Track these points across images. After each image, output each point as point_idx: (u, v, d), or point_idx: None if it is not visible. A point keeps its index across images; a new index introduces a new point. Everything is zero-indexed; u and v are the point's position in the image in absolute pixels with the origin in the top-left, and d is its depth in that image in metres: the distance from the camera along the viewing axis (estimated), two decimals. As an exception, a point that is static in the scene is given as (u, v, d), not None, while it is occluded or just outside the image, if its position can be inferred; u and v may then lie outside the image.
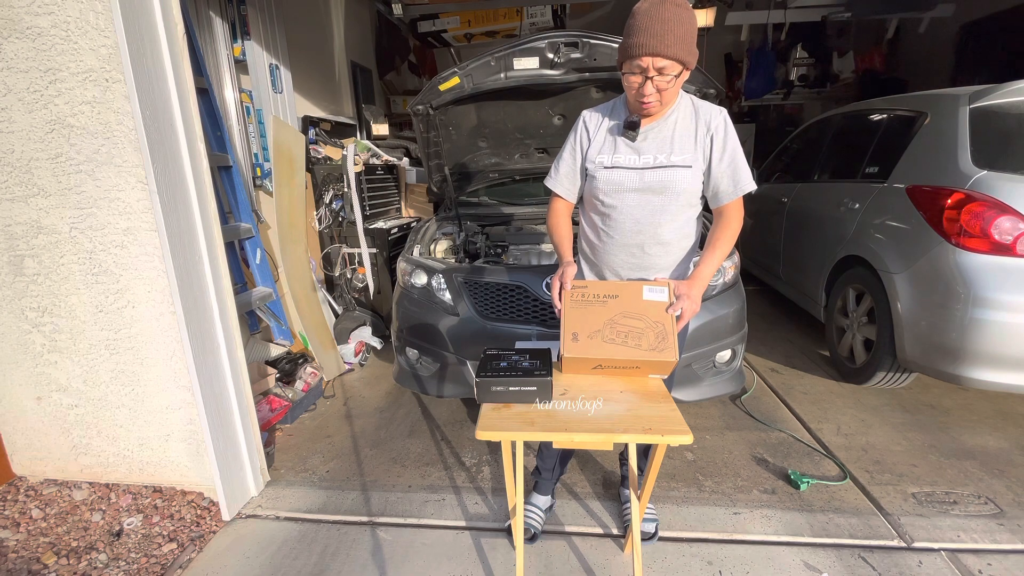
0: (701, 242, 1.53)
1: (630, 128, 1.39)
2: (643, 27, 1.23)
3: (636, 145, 1.41)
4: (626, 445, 1.79)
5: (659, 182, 1.39)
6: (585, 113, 1.51)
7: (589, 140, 1.48)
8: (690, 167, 1.38)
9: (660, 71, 1.25)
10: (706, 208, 1.53)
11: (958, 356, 2.16)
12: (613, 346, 1.31)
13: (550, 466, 1.78)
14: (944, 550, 1.66)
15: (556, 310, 1.40)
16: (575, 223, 1.62)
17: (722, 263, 1.45)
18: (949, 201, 2.20)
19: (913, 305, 2.33)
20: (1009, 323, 2.04)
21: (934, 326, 2.23)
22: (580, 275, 1.62)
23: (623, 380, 1.40)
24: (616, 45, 2.25)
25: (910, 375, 2.59)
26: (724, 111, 1.42)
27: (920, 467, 2.09)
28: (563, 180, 1.54)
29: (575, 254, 1.67)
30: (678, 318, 1.34)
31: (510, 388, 1.29)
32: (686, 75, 1.31)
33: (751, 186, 1.41)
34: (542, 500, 1.82)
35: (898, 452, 2.20)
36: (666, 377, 1.41)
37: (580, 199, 1.59)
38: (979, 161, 2.22)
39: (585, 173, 1.49)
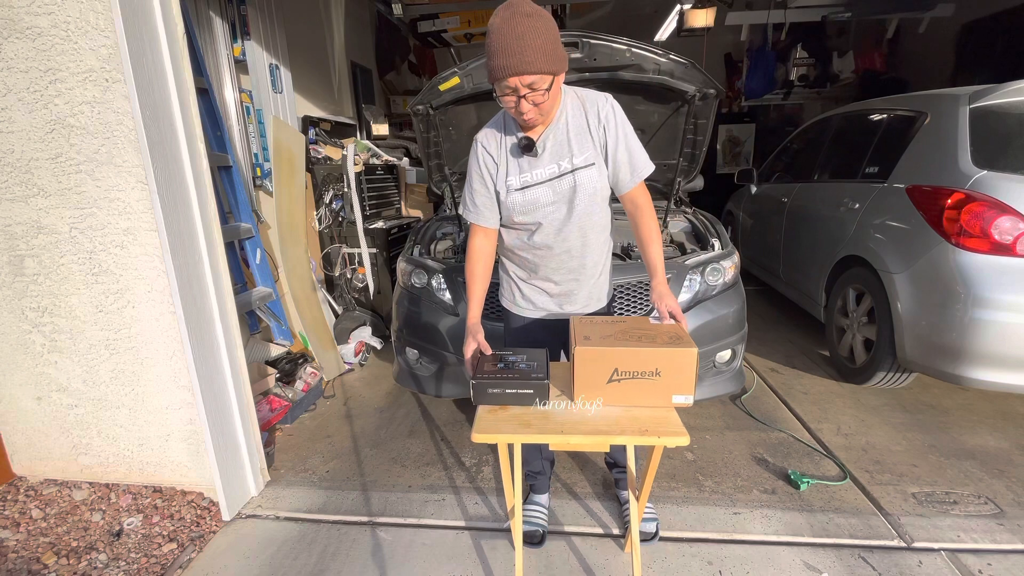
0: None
1: (527, 149, 1.37)
2: (501, 48, 1.17)
3: (538, 159, 1.39)
4: (609, 452, 1.80)
5: (569, 188, 1.38)
6: (480, 137, 1.46)
7: (495, 164, 1.44)
8: (593, 164, 1.38)
9: (530, 87, 1.21)
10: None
11: (958, 356, 2.15)
12: (629, 342, 1.24)
13: (538, 468, 1.79)
14: (944, 550, 1.66)
15: (468, 376, 1.34)
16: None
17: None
18: (949, 201, 2.20)
19: (913, 305, 2.33)
20: (1009, 323, 2.03)
21: (934, 326, 2.23)
22: (518, 293, 1.58)
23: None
24: (616, 45, 2.26)
25: (910, 375, 2.59)
26: (610, 97, 1.40)
27: (920, 467, 2.09)
28: (483, 211, 1.47)
29: (497, 275, 1.62)
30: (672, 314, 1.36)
31: (507, 391, 1.26)
32: (561, 79, 1.29)
33: (648, 168, 1.40)
34: (543, 498, 1.83)
35: (898, 452, 2.20)
36: (690, 403, 1.27)
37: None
38: (979, 161, 2.22)
39: (498, 197, 1.46)
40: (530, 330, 1.59)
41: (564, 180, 1.38)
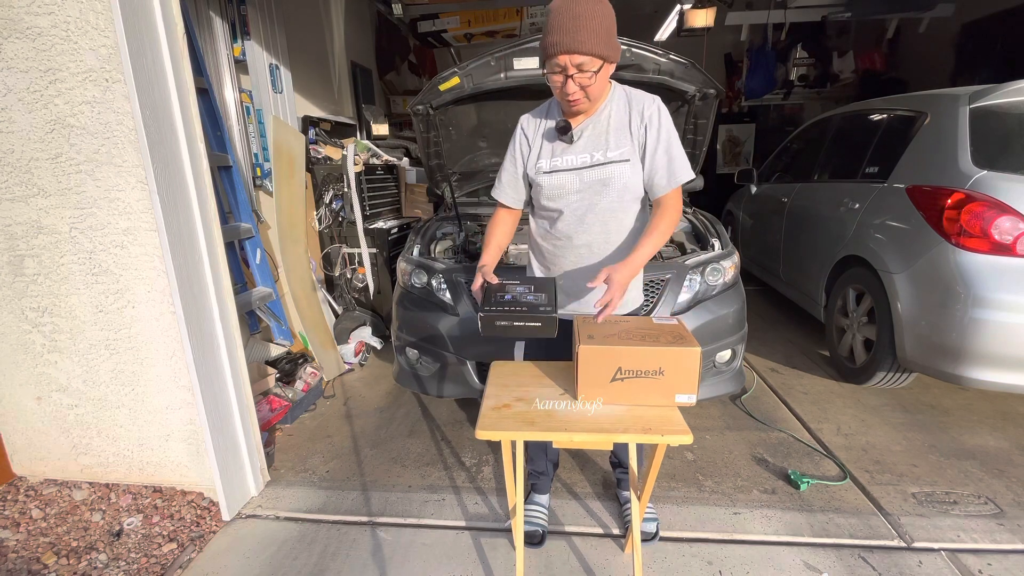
0: None
1: (562, 132, 1.38)
2: (556, 26, 1.22)
3: (573, 146, 1.40)
4: (613, 449, 1.80)
5: (598, 180, 1.37)
6: (522, 119, 1.50)
7: (529, 146, 1.46)
8: (628, 160, 1.36)
9: (579, 67, 1.24)
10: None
11: (958, 356, 2.15)
12: (632, 341, 1.24)
13: (542, 468, 1.79)
14: (944, 550, 1.66)
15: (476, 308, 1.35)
16: (520, 230, 1.59)
17: (656, 249, 1.35)
18: (949, 201, 2.20)
19: (913, 305, 2.33)
20: (1009, 323, 2.04)
21: (934, 326, 2.23)
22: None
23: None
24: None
25: (910, 375, 2.59)
26: (658, 99, 1.39)
27: (920, 467, 2.09)
28: (506, 189, 1.52)
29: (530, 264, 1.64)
30: (606, 307, 1.26)
31: (515, 323, 1.23)
32: (609, 68, 1.30)
33: (687, 176, 1.37)
34: (544, 499, 1.83)
35: (898, 452, 2.20)
36: (693, 403, 1.27)
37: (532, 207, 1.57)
38: (979, 161, 2.22)
39: (528, 181, 1.48)
40: None
41: (594, 171, 1.37)
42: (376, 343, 3.42)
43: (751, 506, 1.88)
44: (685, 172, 1.37)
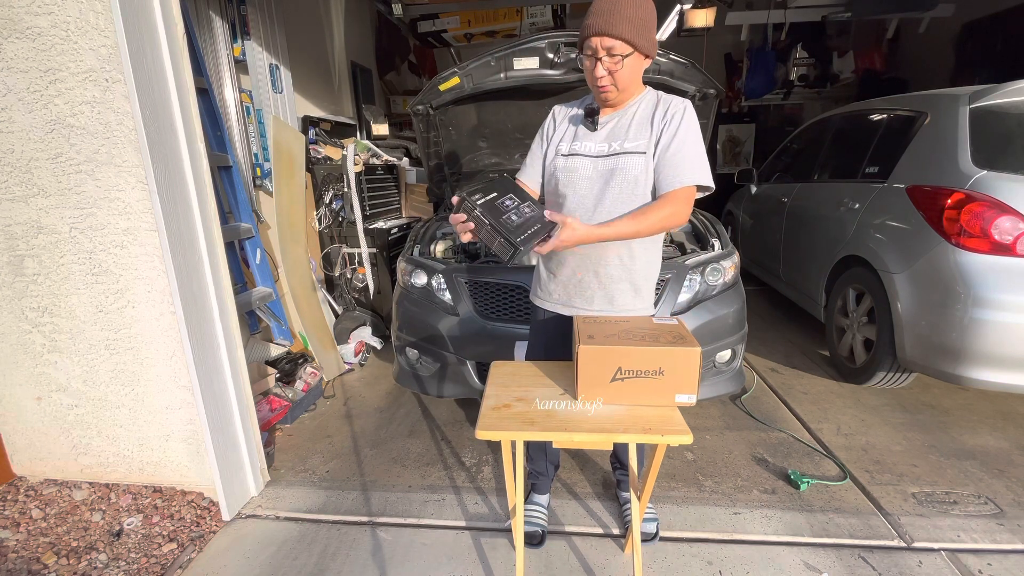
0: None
1: (588, 116, 1.41)
2: (593, 10, 1.28)
3: (595, 135, 1.42)
4: (614, 450, 1.80)
5: (609, 169, 1.37)
6: (555, 107, 1.55)
7: (555, 130, 1.51)
8: (643, 153, 1.35)
9: (608, 51, 1.27)
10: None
11: (958, 356, 2.15)
12: (632, 341, 1.24)
13: (542, 468, 1.79)
14: (944, 550, 1.66)
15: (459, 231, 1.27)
16: None
17: (633, 232, 1.30)
18: (949, 201, 2.20)
19: (913, 305, 2.33)
20: (1009, 323, 2.04)
21: (934, 326, 2.23)
22: (538, 281, 1.60)
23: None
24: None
25: (910, 375, 2.59)
26: (688, 103, 1.39)
27: (920, 467, 2.09)
28: (528, 168, 1.56)
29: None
30: (548, 239, 1.23)
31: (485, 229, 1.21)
32: (641, 60, 1.31)
33: (696, 179, 1.31)
34: (543, 499, 1.83)
35: (898, 452, 2.20)
36: (693, 403, 1.26)
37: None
38: (979, 161, 2.22)
39: (546, 160, 1.50)
40: (548, 327, 1.59)
41: (609, 160, 1.38)
42: (376, 343, 3.42)
43: (751, 506, 1.88)
44: (695, 175, 1.32)
